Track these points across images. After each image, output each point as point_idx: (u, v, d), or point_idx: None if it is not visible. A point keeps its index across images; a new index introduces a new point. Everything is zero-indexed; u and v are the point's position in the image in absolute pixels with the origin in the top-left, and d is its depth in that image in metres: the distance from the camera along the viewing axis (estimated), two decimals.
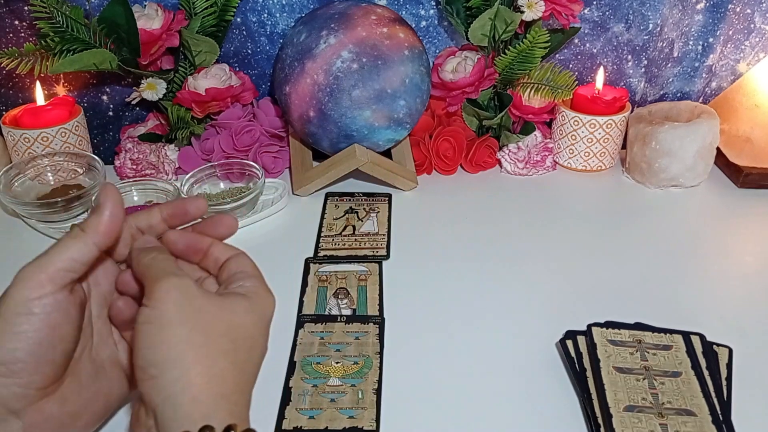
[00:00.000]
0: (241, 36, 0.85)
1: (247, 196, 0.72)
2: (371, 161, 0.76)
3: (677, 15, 0.87)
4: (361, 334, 0.57)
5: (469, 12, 0.80)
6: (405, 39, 0.74)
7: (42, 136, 0.77)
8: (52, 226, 0.71)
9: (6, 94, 0.85)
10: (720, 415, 0.47)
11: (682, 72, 0.92)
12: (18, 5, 0.78)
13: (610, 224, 0.75)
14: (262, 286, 0.43)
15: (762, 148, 0.81)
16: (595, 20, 0.87)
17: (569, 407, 0.50)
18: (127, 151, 0.81)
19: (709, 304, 0.62)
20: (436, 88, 0.83)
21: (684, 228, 0.74)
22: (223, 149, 0.80)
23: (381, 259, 0.68)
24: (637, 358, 0.51)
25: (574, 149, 0.85)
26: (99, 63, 0.74)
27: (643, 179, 0.82)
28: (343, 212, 0.76)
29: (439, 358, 0.55)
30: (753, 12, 0.88)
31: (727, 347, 0.54)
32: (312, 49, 0.72)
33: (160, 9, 0.76)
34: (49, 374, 0.40)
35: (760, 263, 0.68)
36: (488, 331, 0.58)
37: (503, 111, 0.84)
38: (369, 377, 0.53)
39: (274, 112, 0.86)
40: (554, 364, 0.54)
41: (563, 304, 0.61)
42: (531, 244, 0.71)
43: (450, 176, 0.85)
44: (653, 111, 0.84)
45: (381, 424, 0.48)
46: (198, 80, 0.79)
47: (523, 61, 0.79)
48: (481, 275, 0.66)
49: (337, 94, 0.71)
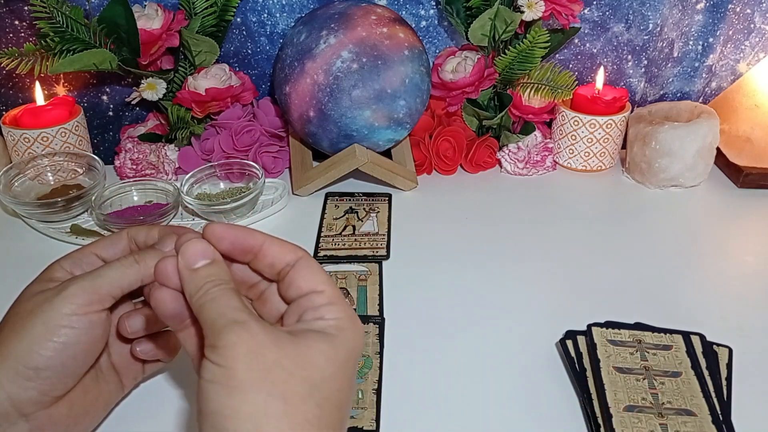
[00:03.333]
0: (241, 36, 0.85)
1: (247, 196, 0.72)
2: (371, 161, 0.76)
3: (677, 15, 0.87)
4: None
5: (469, 12, 0.80)
6: (405, 39, 0.74)
7: (42, 136, 0.77)
8: (52, 226, 0.71)
9: (6, 94, 0.85)
10: (720, 415, 0.47)
11: (682, 72, 0.92)
12: (18, 5, 0.78)
13: (610, 224, 0.75)
14: (345, 315, 0.35)
15: (762, 148, 0.81)
16: (595, 20, 0.87)
17: (569, 407, 0.50)
18: (127, 151, 0.81)
19: (709, 304, 0.62)
20: (436, 88, 0.83)
21: (684, 228, 0.74)
22: (223, 149, 0.80)
23: (381, 259, 0.68)
24: (637, 358, 0.51)
25: (574, 149, 0.85)
26: (99, 63, 0.74)
27: (643, 179, 0.82)
28: (343, 212, 0.76)
29: (439, 358, 0.55)
30: (753, 12, 0.88)
31: (727, 347, 0.54)
32: (312, 49, 0.72)
33: (160, 9, 0.76)
34: (68, 385, 0.41)
35: (760, 263, 0.68)
36: (488, 330, 0.58)
37: (503, 111, 0.84)
38: (369, 377, 0.53)
39: (274, 112, 0.86)
40: (554, 364, 0.54)
41: (563, 304, 0.61)
42: (531, 244, 0.71)
43: (450, 176, 0.85)
44: (653, 111, 0.84)
45: (381, 424, 0.48)
46: (198, 80, 0.79)
47: (523, 61, 0.79)
48: (481, 275, 0.66)
49: (337, 94, 0.71)
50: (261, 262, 0.38)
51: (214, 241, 0.37)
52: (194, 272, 0.35)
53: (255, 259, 0.38)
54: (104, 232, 0.71)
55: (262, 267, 0.38)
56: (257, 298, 0.41)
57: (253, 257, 0.38)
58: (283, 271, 0.37)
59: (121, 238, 0.44)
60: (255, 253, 0.38)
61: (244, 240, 0.38)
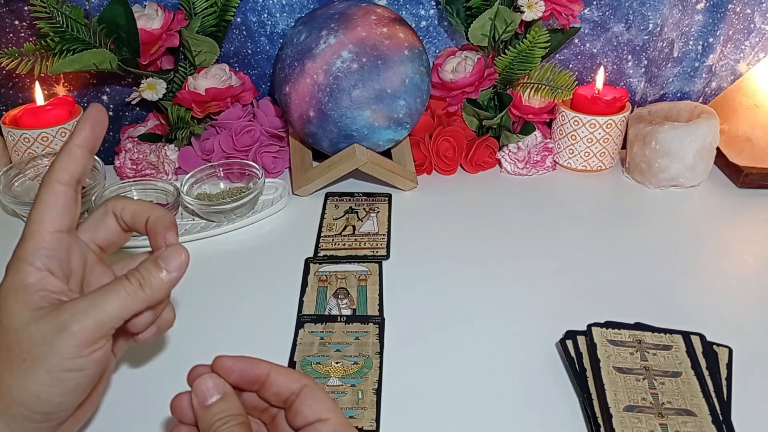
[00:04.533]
0: (241, 36, 0.85)
1: (247, 196, 0.72)
2: (371, 161, 0.76)
3: (677, 15, 0.87)
4: (361, 334, 0.57)
5: (469, 12, 0.80)
6: (405, 39, 0.74)
7: (42, 136, 0.77)
8: None
9: (6, 94, 0.85)
10: (720, 415, 0.47)
11: (682, 72, 0.92)
12: (18, 5, 0.78)
13: (610, 224, 0.75)
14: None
15: (762, 148, 0.81)
16: (595, 20, 0.87)
17: (569, 407, 0.50)
18: (127, 151, 0.81)
19: (709, 304, 0.62)
20: (436, 88, 0.83)
21: (684, 228, 0.74)
22: (223, 149, 0.80)
23: (381, 259, 0.68)
24: (637, 358, 0.51)
25: (574, 149, 0.85)
26: (99, 63, 0.74)
27: (643, 179, 0.82)
28: (343, 212, 0.76)
29: (439, 358, 0.55)
30: (753, 12, 0.88)
31: (727, 347, 0.54)
32: (312, 49, 0.72)
33: (160, 9, 0.76)
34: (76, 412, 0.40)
35: (760, 263, 0.68)
36: (488, 331, 0.58)
37: (503, 111, 0.84)
38: (369, 377, 0.53)
39: (274, 112, 0.86)
40: (554, 364, 0.54)
41: (563, 304, 0.61)
42: (531, 244, 0.71)
43: (450, 176, 0.85)
44: (653, 111, 0.84)
45: (381, 424, 0.48)
46: (198, 80, 0.79)
47: (523, 61, 0.79)
48: (481, 275, 0.66)
49: (337, 94, 0.71)
50: (267, 392, 0.38)
51: (224, 373, 0.38)
52: (207, 409, 0.36)
53: (262, 389, 0.39)
54: None
55: (268, 396, 0.39)
56: (270, 422, 0.40)
57: (260, 386, 0.38)
58: (288, 399, 0.38)
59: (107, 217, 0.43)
60: (261, 383, 0.38)
61: (251, 371, 0.38)
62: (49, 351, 0.36)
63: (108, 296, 0.38)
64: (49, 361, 0.36)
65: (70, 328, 0.36)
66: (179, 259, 0.40)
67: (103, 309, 0.37)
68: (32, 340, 0.36)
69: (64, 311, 0.37)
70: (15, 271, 0.39)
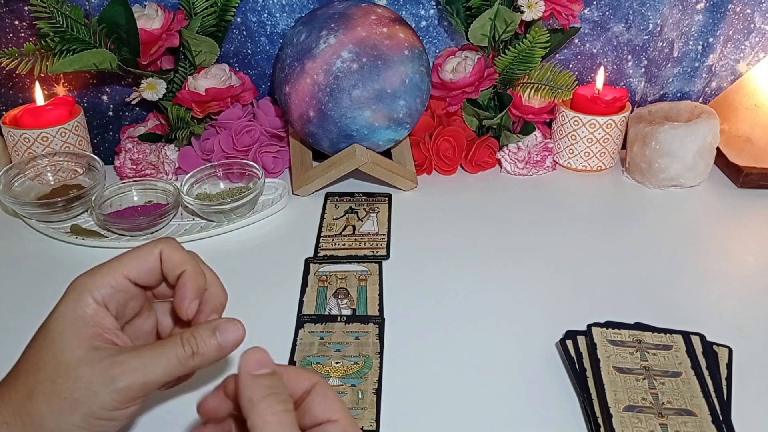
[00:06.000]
0: (241, 36, 0.85)
1: (247, 196, 0.72)
2: (371, 161, 0.76)
3: (677, 15, 0.87)
4: (361, 334, 0.57)
5: (469, 12, 0.80)
6: (405, 39, 0.74)
7: (42, 136, 0.77)
8: (52, 226, 0.71)
9: (6, 94, 0.85)
10: (720, 415, 0.47)
11: (682, 72, 0.92)
12: (18, 5, 0.78)
13: (610, 224, 0.75)
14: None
15: (762, 148, 0.82)
16: (595, 20, 0.87)
17: (569, 407, 0.50)
18: (127, 151, 0.81)
19: (709, 304, 0.62)
20: (436, 88, 0.83)
21: (684, 228, 0.74)
22: (223, 149, 0.80)
23: (381, 259, 0.68)
24: (637, 358, 0.51)
25: (574, 149, 0.85)
26: (99, 63, 0.74)
27: (643, 179, 0.82)
28: (343, 212, 0.76)
29: (439, 358, 0.55)
30: (753, 12, 0.88)
31: (727, 347, 0.54)
32: (312, 49, 0.72)
33: (160, 9, 0.76)
34: None
35: (760, 263, 0.68)
36: (488, 331, 0.58)
37: (503, 111, 0.84)
38: (369, 377, 0.53)
39: (274, 112, 0.86)
40: (554, 364, 0.54)
41: (563, 304, 0.61)
42: (531, 244, 0.71)
43: (450, 176, 0.85)
44: (653, 111, 0.84)
45: (381, 424, 0.48)
46: (198, 80, 0.79)
47: (523, 61, 0.79)
48: (481, 275, 0.66)
49: (337, 94, 0.71)
50: None
51: None
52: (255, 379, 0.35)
53: None
54: (104, 232, 0.71)
55: None
56: None
57: None
58: (299, 398, 0.37)
59: (151, 255, 0.42)
60: None
61: None
62: (91, 398, 0.37)
63: (159, 360, 0.38)
64: (88, 407, 0.37)
65: (117, 384, 0.37)
66: (236, 336, 0.40)
67: (153, 371, 0.38)
68: (79, 381, 0.37)
69: (116, 366, 0.37)
70: (76, 298, 0.39)
